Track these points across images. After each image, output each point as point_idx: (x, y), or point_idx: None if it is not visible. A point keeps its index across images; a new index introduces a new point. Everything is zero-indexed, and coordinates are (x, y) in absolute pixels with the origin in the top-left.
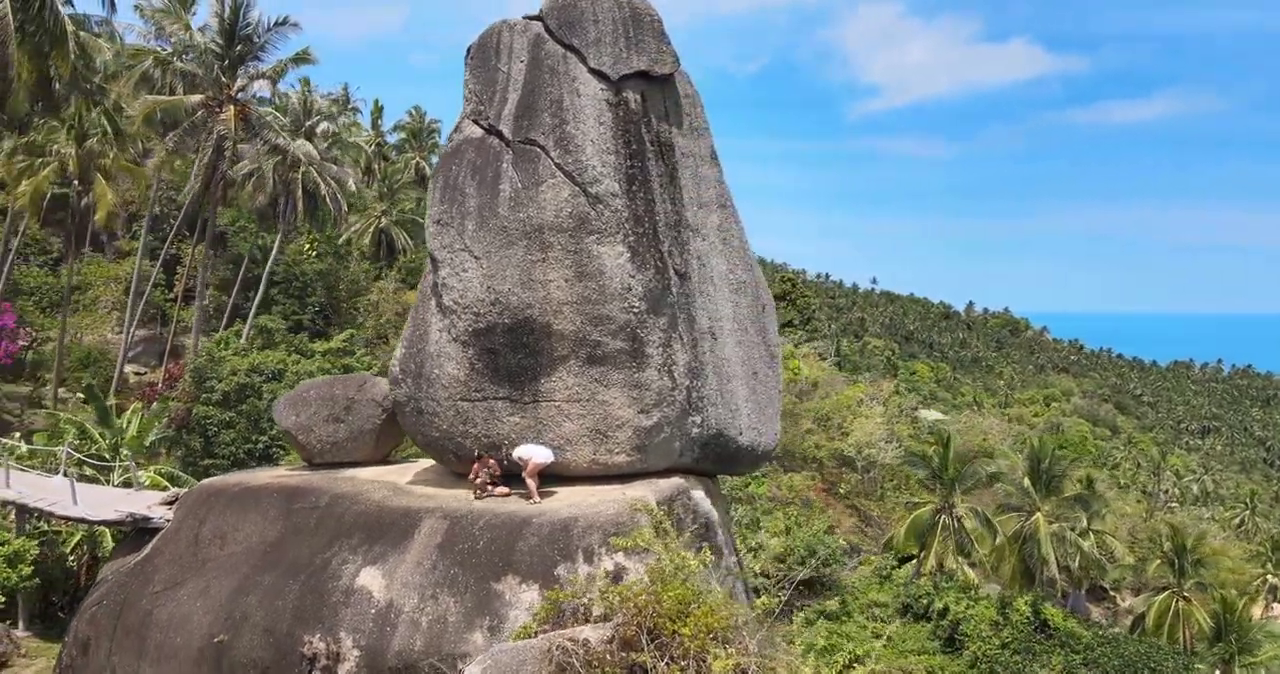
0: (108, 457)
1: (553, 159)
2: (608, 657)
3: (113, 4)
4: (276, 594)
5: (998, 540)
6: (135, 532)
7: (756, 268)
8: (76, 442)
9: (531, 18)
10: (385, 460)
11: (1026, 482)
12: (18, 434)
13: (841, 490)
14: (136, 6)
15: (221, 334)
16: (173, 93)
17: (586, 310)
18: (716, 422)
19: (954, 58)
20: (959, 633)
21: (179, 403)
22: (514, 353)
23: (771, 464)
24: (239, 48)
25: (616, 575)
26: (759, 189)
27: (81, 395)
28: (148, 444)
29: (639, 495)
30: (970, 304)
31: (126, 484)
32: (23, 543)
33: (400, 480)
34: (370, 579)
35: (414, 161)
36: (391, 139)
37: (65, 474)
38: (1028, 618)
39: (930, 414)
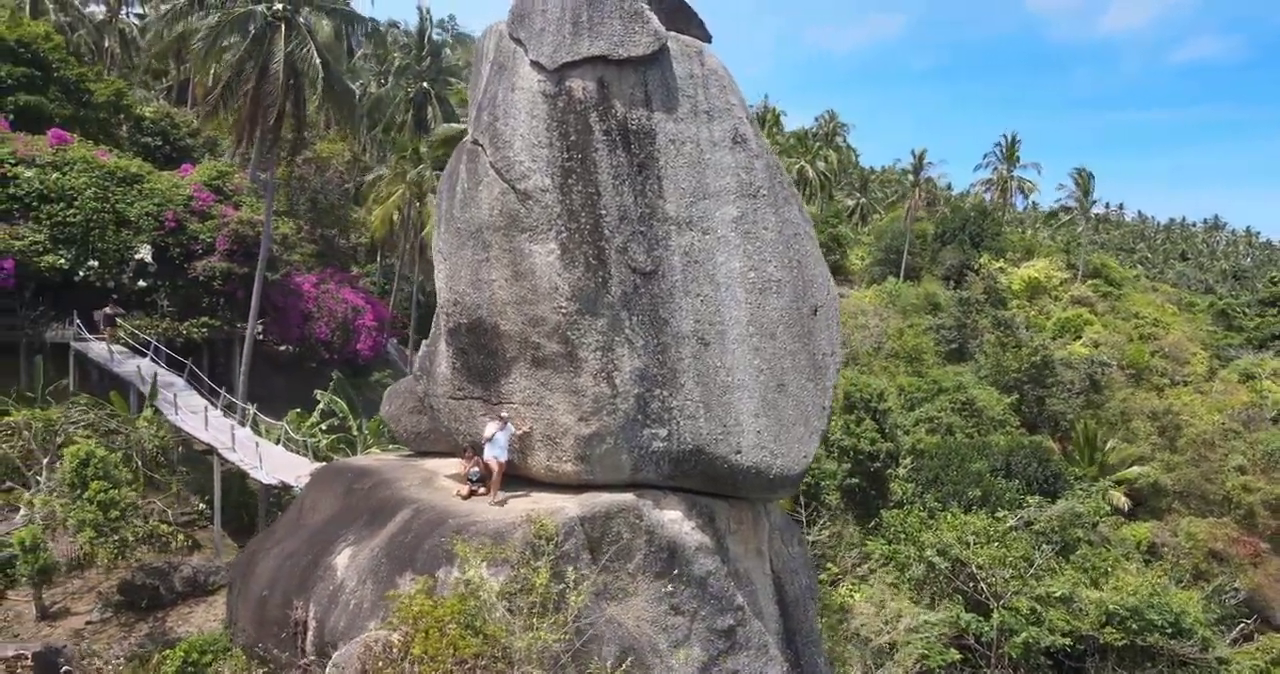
0: (354, 436)
1: (487, 157)
2: (379, 664)
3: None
4: (298, 562)
5: None
6: None
7: (810, 265)
8: (321, 423)
9: None
10: None
11: None
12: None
13: None
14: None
15: None
16: None
17: (525, 311)
18: (694, 437)
19: None
20: None
21: None
22: (477, 353)
23: (1165, 503)
24: None
25: (475, 585)
26: None
27: None
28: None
29: (554, 507)
30: None
31: None
32: (120, 493)
33: (444, 472)
34: (342, 559)
35: (797, 166)
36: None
37: (277, 442)
38: None
39: None
